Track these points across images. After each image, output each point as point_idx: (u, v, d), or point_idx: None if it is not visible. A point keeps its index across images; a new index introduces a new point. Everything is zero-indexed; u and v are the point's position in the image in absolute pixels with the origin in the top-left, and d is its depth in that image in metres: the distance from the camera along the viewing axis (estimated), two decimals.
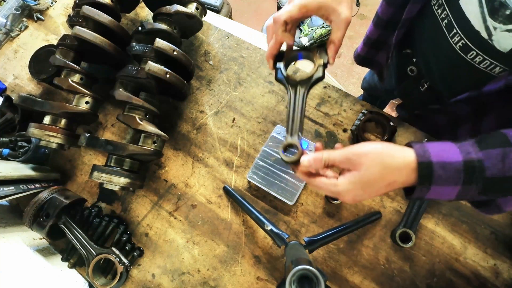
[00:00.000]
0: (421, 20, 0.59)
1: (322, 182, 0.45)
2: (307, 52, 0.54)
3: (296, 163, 0.49)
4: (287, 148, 0.51)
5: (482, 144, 0.39)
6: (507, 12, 0.42)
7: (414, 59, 0.66)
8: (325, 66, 0.52)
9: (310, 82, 0.52)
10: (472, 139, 0.40)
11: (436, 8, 0.53)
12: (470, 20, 0.46)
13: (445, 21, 0.51)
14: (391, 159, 0.41)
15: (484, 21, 0.45)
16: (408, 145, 0.42)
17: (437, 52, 0.58)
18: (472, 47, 0.49)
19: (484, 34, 0.46)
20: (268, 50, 0.54)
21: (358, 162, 0.42)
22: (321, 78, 0.52)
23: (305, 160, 0.47)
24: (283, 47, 0.55)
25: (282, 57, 0.55)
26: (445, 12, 0.51)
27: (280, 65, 0.54)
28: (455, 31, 0.50)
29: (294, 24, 0.52)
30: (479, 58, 0.49)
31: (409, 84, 0.72)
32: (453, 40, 0.51)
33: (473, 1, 0.45)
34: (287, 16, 0.49)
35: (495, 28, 0.44)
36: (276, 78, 0.56)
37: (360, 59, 0.85)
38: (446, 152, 0.39)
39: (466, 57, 0.51)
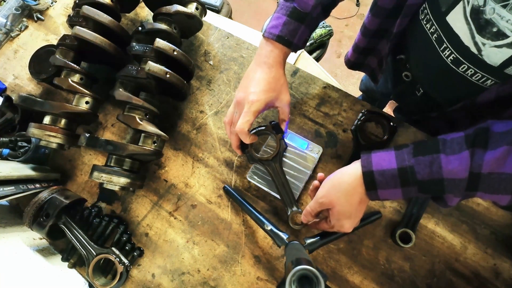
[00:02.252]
0: (412, 31, 0.59)
1: (324, 227, 0.56)
2: (263, 130, 0.66)
3: (302, 226, 0.62)
4: (293, 218, 0.63)
5: (416, 151, 0.45)
6: (494, 29, 0.42)
7: (407, 65, 0.66)
8: (283, 137, 0.65)
9: (280, 156, 0.65)
10: (411, 145, 0.46)
11: (425, 23, 0.53)
12: (459, 36, 0.47)
13: (435, 35, 0.51)
14: (345, 185, 0.49)
15: (473, 37, 0.45)
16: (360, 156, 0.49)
17: (429, 63, 0.58)
18: (463, 61, 0.49)
19: (473, 50, 0.46)
20: (233, 144, 0.63)
21: (329, 202, 0.50)
22: (286, 147, 0.66)
23: (301, 218, 0.58)
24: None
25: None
26: (433, 27, 0.51)
27: (250, 151, 0.65)
28: (445, 45, 0.50)
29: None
30: (471, 71, 0.50)
31: (404, 88, 0.73)
32: (444, 53, 0.51)
33: (460, 18, 0.45)
34: (248, 126, 0.57)
35: (483, 44, 0.45)
36: (250, 162, 0.67)
37: (351, 64, 0.86)
38: (384, 161, 0.46)
39: (458, 70, 0.51)
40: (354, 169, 0.48)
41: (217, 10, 1.58)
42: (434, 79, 0.60)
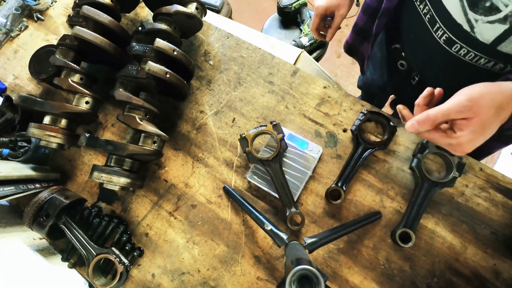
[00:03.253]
0: (404, 14, 0.60)
1: (439, 137, 0.45)
2: (263, 130, 0.65)
3: (300, 227, 0.64)
4: (292, 219, 0.64)
5: None
6: (487, 4, 0.42)
7: (403, 54, 0.66)
8: (283, 137, 0.64)
9: (280, 156, 0.64)
10: None
11: (418, 3, 0.53)
12: (451, 13, 0.47)
13: (428, 16, 0.52)
14: (501, 96, 0.41)
15: (465, 14, 0.45)
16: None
17: (423, 46, 0.59)
18: (456, 40, 0.49)
19: (466, 27, 0.46)
20: (312, 24, 0.79)
21: (477, 107, 0.41)
22: (286, 148, 0.65)
23: (409, 126, 0.46)
24: (247, 132, 0.66)
25: (247, 141, 0.65)
26: (427, 7, 0.51)
27: (251, 150, 0.65)
28: (438, 25, 0.50)
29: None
30: (464, 51, 0.50)
31: (400, 78, 0.73)
32: (436, 34, 0.52)
33: None
34: (314, 25, 0.73)
35: (476, 21, 0.45)
36: (250, 162, 0.66)
37: (348, 46, 0.89)
38: None
39: (451, 50, 0.51)
40: (510, 84, 0.42)
41: (217, 10, 1.58)
42: (428, 63, 0.61)
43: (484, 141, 0.44)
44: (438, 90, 0.49)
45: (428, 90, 0.49)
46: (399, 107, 0.51)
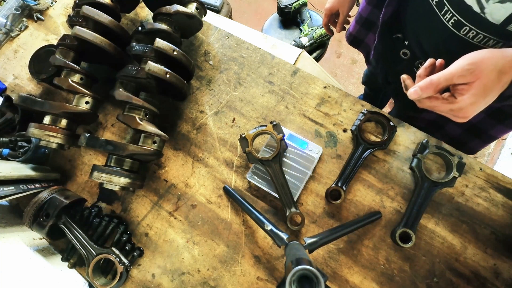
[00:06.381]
0: (411, 1, 0.60)
1: (440, 103, 0.46)
2: (263, 130, 0.65)
3: (300, 227, 0.64)
4: (292, 219, 0.64)
5: None
6: None
7: (406, 42, 0.66)
8: (283, 137, 0.64)
9: (280, 156, 0.64)
10: None
11: None
12: None
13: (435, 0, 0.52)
14: (503, 61, 0.42)
15: None
16: None
17: (429, 31, 0.58)
18: (465, 22, 0.49)
19: (476, 8, 0.46)
20: (323, 21, 0.95)
21: (478, 70, 0.42)
22: (286, 148, 0.65)
23: (411, 92, 0.47)
24: (247, 132, 0.66)
25: (247, 141, 0.65)
26: None
27: (251, 150, 0.64)
28: (446, 8, 0.50)
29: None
30: (472, 33, 0.49)
31: (403, 67, 0.73)
32: (445, 17, 0.51)
33: None
34: (324, 19, 0.88)
35: (487, 1, 0.45)
36: (250, 162, 0.66)
37: (352, 38, 0.91)
38: None
39: (459, 33, 0.51)
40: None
41: (217, 10, 1.58)
42: (434, 49, 0.60)
43: (485, 106, 0.45)
44: (439, 61, 0.49)
45: (430, 61, 0.50)
46: (403, 76, 0.53)
